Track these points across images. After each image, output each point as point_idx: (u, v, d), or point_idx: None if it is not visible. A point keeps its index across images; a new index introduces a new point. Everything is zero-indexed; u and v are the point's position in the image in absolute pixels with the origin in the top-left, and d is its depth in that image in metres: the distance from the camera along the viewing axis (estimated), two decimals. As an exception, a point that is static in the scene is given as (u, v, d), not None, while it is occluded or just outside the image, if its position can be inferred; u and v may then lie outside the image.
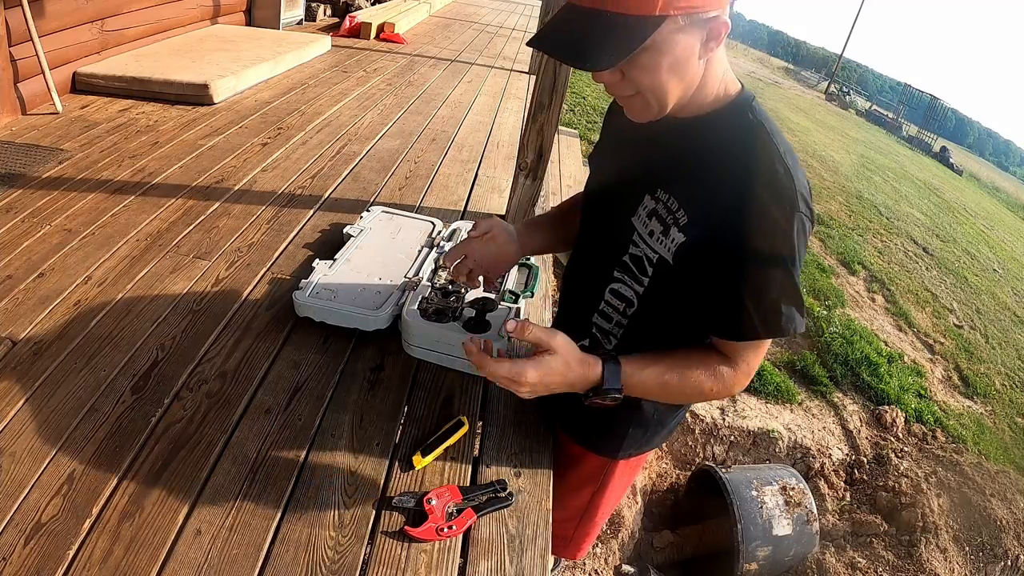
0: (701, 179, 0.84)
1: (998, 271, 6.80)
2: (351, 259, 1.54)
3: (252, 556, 0.89)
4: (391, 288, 1.43)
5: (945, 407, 3.70)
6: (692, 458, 3.02)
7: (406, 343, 1.31)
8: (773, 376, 3.43)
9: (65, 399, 1.12)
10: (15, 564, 0.85)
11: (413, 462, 1.06)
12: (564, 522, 1.31)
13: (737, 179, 0.80)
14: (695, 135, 0.85)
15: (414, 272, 1.49)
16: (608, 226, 0.97)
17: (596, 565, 2.34)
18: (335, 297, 1.39)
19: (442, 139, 2.80)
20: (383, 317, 1.33)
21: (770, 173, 0.79)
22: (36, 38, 2.38)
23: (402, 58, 4.34)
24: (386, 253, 1.58)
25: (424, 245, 1.63)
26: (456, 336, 1.24)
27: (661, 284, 0.91)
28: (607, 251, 0.97)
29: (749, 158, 0.81)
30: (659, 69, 0.75)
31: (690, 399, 0.94)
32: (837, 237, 5.69)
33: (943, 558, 2.62)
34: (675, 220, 0.85)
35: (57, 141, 2.24)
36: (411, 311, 1.29)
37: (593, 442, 1.17)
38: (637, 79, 0.77)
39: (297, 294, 1.38)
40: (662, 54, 0.74)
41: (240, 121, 2.66)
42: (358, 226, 1.70)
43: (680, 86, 0.78)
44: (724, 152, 0.82)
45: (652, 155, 0.91)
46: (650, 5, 0.69)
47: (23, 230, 1.65)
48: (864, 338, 4.00)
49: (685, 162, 0.86)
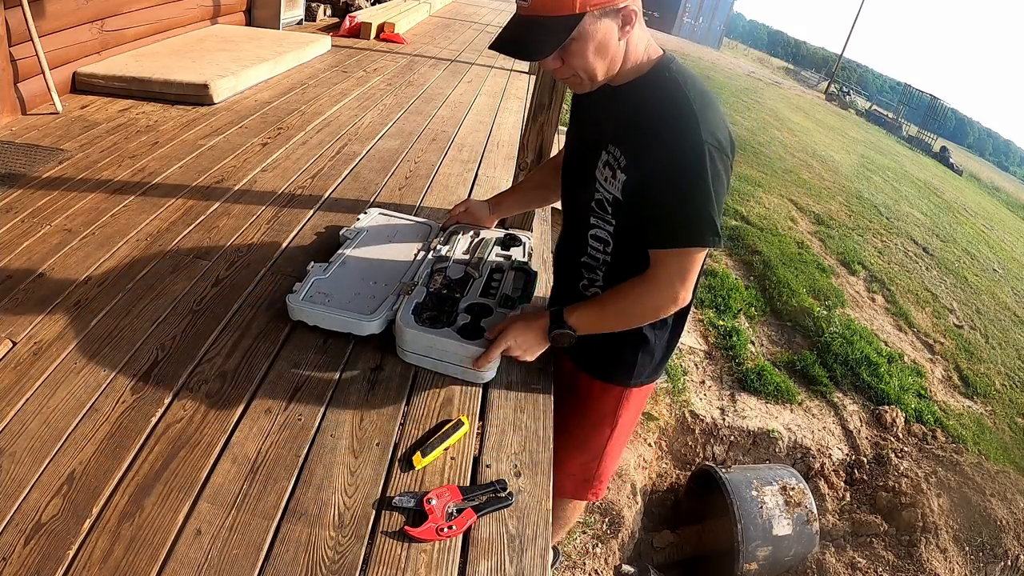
0: (634, 130, 1.07)
1: (998, 271, 6.80)
2: (346, 262, 1.51)
3: (252, 556, 0.89)
4: (386, 292, 1.40)
5: (945, 407, 3.69)
6: (692, 458, 3.02)
7: (400, 348, 1.30)
8: (773, 376, 3.43)
9: (65, 399, 1.13)
10: (15, 564, 0.85)
11: (413, 462, 1.06)
12: (586, 463, 1.49)
13: (655, 124, 1.03)
14: (630, 97, 1.09)
15: (410, 276, 1.46)
16: (580, 180, 1.20)
17: (596, 565, 2.34)
18: (329, 301, 1.36)
19: (442, 139, 2.80)
20: (377, 323, 1.31)
21: (678, 116, 1.01)
22: (36, 38, 2.38)
23: (402, 58, 4.34)
24: (382, 256, 1.56)
25: (421, 248, 1.60)
26: (450, 343, 1.23)
27: (621, 220, 1.14)
28: (581, 200, 1.20)
29: (664, 107, 1.03)
30: (586, 53, 0.99)
31: (638, 317, 1.16)
32: (837, 237, 5.69)
33: (943, 558, 2.62)
34: (619, 165, 1.08)
35: (57, 141, 2.24)
36: (405, 317, 1.28)
37: (608, 373, 1.34)
38: (572, 63, 1.02)
39: (291, 298, 1.35)
40: (587, 41, 0.98)
41: (240, 121, 2.66)
42: (354, 228, 1.67)
43: (605, 63, 1.03)
44: (648, 106, 1.05)
45: (602, 118, 1.15)
46: (570, 6, 0.93)
47: (23, 230, 1.65)
48: (864, 338, 4.00)
49: (624, 118, 1.09)
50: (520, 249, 1.60)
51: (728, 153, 1.02)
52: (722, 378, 3.39)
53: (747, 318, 4.01)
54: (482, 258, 1.51)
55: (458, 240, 1.59)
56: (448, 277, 1.45)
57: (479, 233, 1.62)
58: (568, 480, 1.52)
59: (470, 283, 1.43)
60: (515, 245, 1.61)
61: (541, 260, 1.85)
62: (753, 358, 3.60)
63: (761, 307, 4.18)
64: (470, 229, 1.63)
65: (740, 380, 3.38)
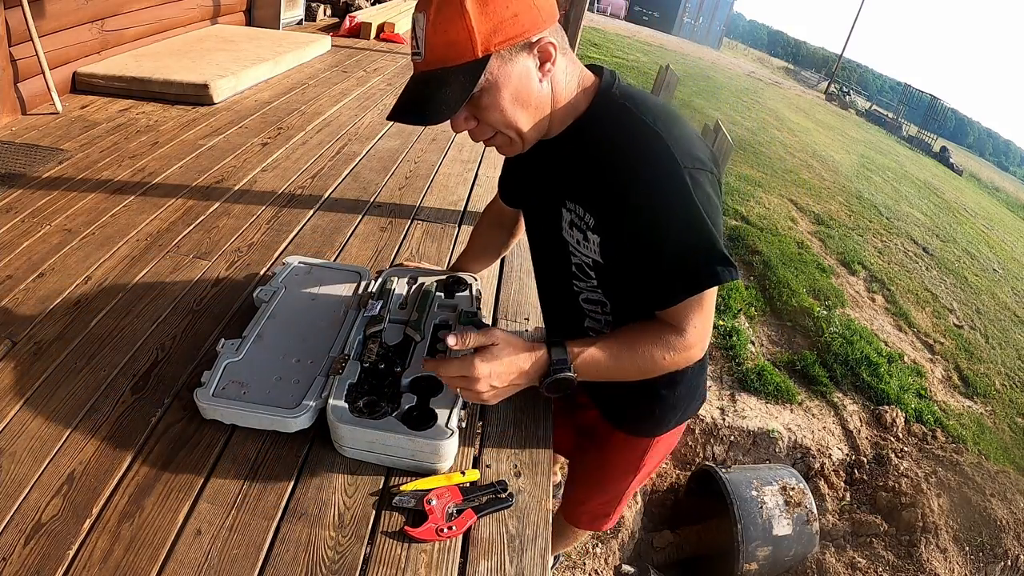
0: (592, 179, 0.88)
1: (998, 271, 6.80)
2: (263, 335, 1.22)
3: (252, 556, 0.89)
4: (312, 372, 1.14)
5: (945, 407, 3.70)
6: (692, 458, 3.02)
7: (337, 444, 1.05)
8: (773, 376, 3.43)
9: (65, 399, 1.12)
10: (15, 564, 0.85)
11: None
12: (605, 503, 1.40)
13: (618, 166, 0.84)
14: (577, 140, 0.90)
15: (339, 347, 1.19)
16: (548, 245, 1.03)
17: (596, 565, 2.34)
18: (245, 393, 1.09)
19: (442, 139, 2.79)
20: (304, 417, 1.05)
21: (643, 148, 0.82)
22: (36, 38, 2.38)
23: (402, 58, 4.33)
24: (305, 322, 1.27)
25: (350, 306, 1.33)
26: (394, 438, 1.00)
27: (609, 281, 0.96)
28: (558, 268, 1.02)
29: (621, 142, 0.84)
30: (502, 104, 0.81)
31: (647, 371, 0.93)
32: (837, 237, 5.69)
33: (943, 558, 2.62)
34: (587, 225, 0.90)
35: (57, 141, 2.24)
36: (336, 408, 1.03)
37: (633, 425, 1.22)
38: (487, 119, 0.83)
39: (199, 393, 1.07)
40: (500, 89, 0.79)
41: (240, 121, 2.66)
42: (271, 287, 1.37)
43: (529, 113, 0.84)
44: (602, 146, 0.86)
45: (552, 172, 0.95)
46: (470, 51, 0.75)
47: (23, 230, 1.65)
48: (864, 338, 4.00)
49: (577, 168, 0.90)
50: (467, 293, 1.35)
51: (712, 168, 0.84)
52: (722, 378, 3.39)
53: (747, 318, 4.01)
54: (422, 315, 1.25)
55: (393, 290, 1.34)
56: (385, 344, 1.19)
57: (417, 278, 1.40)
58: (584, 515, 1.50)
59: (412, 348, 1.18)
60: (460, 290, 1.36)
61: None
62: (753, 358, 3.60)
63: (761, 307, 4.18)
64: (407, 273, 1.41)
65: (740, 380, 3.38)
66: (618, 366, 0.92)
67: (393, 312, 1.27)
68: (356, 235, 1.85)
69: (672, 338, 0.89)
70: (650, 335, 0.90)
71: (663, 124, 0.82)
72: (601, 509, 1.43)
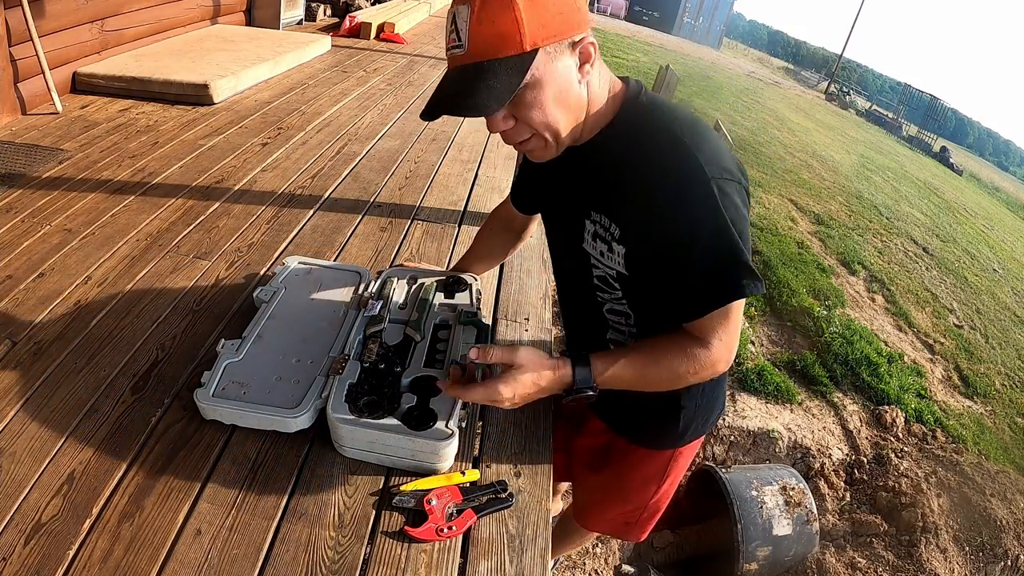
0: (619, 189, 0.87)
1: (998, 271, 6.80)
2: (263, 335, 1.23)
3: (252, 556, 0.89)
4: (312, 372, 1.14)
5: (945, 407, 3.69)
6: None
7: (337, 444, 1.06)
8: (773, 376, 3.43)
9: (65, 399, 1.13)
10: (15, 564, 0.85)
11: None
12: (629, 512, 1.36)
13: (645, 176, 0.83)
14: (604, 149, 0.88)
15: (339, 348, 1.19)
16: (570, 257, 1.01)
17: (596, 565, 2.34)
18: (246, 393, 1.10)
19: (442, 139, 2.79)
20: (304, 417, 1.06)
21: (671, 158, 0.81)
22: (36, 38, 2.38)
23: (402, 58, 4.34)
24: (305, 322, 1.28)
25: (350, 306, 1.33)
26: (396, 438, 1.00)
27: (635, 293, 0.95)
28: (580, 279, 1.01)
29: (650, 151, 0.83)
30: (545, 103, 0.79)
31: (671, 384, 0.93)
32: (837, 237, 5.69)
33: (943, 558, 2.62)
34: (612, 236, 0.89)
35: (57, 141, 2.24)
36: (337, 407, 1.04)
37: (654, 440, 1.20)
38: (527, 118, 0.81)
39: (199, 393, 1.08)
40: (543, 87, 0.78)
41: (240, 121, 2.66)
42: (271, 287, 1.38)
43: (569, 115, 0.82)
44: (630, 155, 0.85)
45: (576, 182, 0.94)
46: (518, 44, 0.74)
47: (23, 230, 1.65)
48: (864, 338, 4.00)
49: (604, 178, 0.89)
50: (466, 294, 1.35)
51: (740, 179, 0.84)
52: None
53: (747, 318, 4.01)
54: (422, 315, 1.25)
55: (393, 290, 1.34)
56: (385, 344, 1.20)
57: (417, 278, 1.40)
58: (606, 524, 1.46)
59: (412, 348, 1.19)
60: (460, 290, 1.36)
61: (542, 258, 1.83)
62: (753, 358, 3.60)
63: (761, 307, 4.18)
64: (406, 273, 1.41)
65: (740, 380, 3.38)
66: (643, 380, 0.91)
67: (393, 312, 1.27)
68: (356, 235, 1.85)
69: (698, 351, 0.88)
70: (675, 349, 0.89)
71: (691, 134, 0.82)
72: (623, 518, 1.39)
